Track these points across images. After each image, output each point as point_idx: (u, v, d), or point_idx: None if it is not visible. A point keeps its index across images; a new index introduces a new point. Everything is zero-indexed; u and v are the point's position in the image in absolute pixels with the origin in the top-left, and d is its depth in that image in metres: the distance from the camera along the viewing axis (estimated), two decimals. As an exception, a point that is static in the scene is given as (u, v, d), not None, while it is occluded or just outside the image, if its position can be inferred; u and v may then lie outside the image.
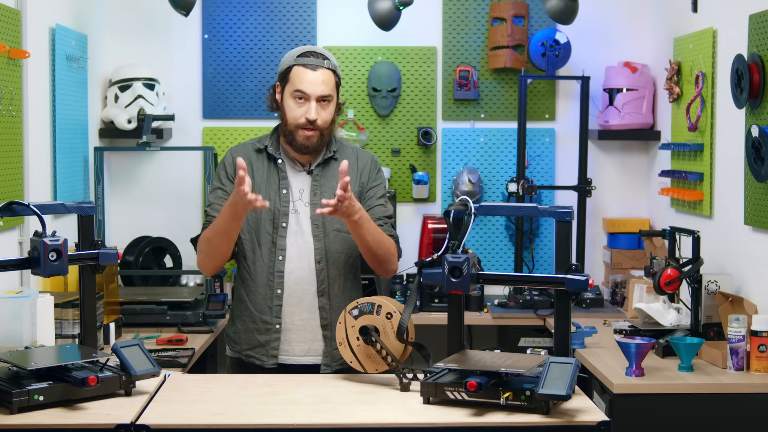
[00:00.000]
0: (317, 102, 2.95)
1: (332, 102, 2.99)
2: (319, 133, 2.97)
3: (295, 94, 2.96)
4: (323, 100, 2.96)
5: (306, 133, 2.96)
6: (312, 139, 2.97)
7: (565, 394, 2.22)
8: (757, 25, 3.48)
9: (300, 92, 2.94)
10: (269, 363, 2.97)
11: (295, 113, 2.96)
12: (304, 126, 2.95)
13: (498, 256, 4.89)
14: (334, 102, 3.01)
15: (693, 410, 3.12)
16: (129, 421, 2.25)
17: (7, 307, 2.92)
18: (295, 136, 2.97)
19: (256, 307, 2.99)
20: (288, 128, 2.99)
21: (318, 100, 2.95)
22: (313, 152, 3.02)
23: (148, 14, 4.78)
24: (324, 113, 2.97)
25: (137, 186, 4.81)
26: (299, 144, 2.98)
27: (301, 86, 2.94)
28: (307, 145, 2.98)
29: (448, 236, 2.53)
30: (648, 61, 4.77)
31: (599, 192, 4.80)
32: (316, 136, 2.97)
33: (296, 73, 2.96)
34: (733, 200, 3.74)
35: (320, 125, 2.96)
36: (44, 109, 3.85)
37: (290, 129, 2.98)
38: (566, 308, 2.45)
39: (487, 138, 4.88)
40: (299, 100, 2.95)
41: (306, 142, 2.97)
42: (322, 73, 2.95)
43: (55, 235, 2.38)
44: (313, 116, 2.94)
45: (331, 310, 2.97)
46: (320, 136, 2.98)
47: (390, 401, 2.44)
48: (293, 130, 2.97)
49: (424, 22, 4.85)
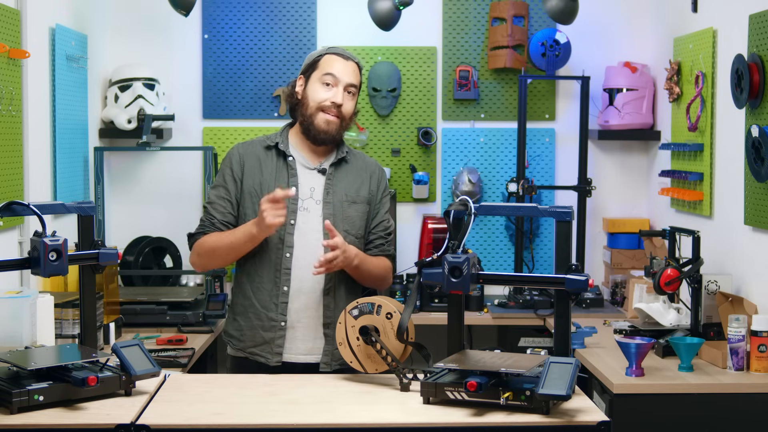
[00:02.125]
0: (345, 90, 2.98)
1: (355, 97, 3.04)
2: (340, 122, 2.99)
3: (324, 78, 2.99)
4: (349, 90, 3.00)
5: (328, 117, 2.97)
6: (332, 125, 2.98)
7: (565, 394, 2.22)
8: (757, 25, 3.48)
9: (330, 75, 2.98)
10: (273, 361, 2.97)
11: (321, 96, 2.98)
12: (328, 109, 2.97)
13: (498, 256, 4.89)
14: (356, 98, 3.05)
15: (693, 410, 3.12)
16: (129, 421, 2.25)
17: (7, 307, 2.92)
18: (315, 120, 2.98)
19: (262, 303, 2.99)
20: (309, 112, 2.99)
21: (346, 89, 2.98)
22: (329, 142, 3.02)
23: (148, 14, 4.78)
24: (348, 103, 3.00)
25: (137, 186, 4.81)
26: (318, 128, 2.98)
27: (332, 70, 2.98)
28: (326, 130, 2.98)
29: (448, 236, 2.53)
30: (648, 61, 4.77)
31: (599, 192, 4.80)
32: (337, 123, 2.99)
33: (328, 59, 3.01)
34: (733, 200, 3.74)
35: (344, 113, 2.99)
36: (44, 109, 3.85)
37: (311, 112, 2.98)
38: (566, 308, 2.45)
39: (487, 138, 4.88)
40: (327, 86, 2.99)
41: (326, 126, 2.98)
42: (353, 65, 3.03)
43: (55, 235, 2.38)
44: (340, 100, 2.97)
45: (336, 309, 2.97)
46: (340, 125, 3.00)
47: (390, 401, 2.44)
48: (314, 113, 2.98)
49: (424, 22, 4.85)
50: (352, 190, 3.04)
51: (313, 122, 2.98)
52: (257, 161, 3.02)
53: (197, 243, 3.00)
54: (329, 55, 3.02)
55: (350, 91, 3.01)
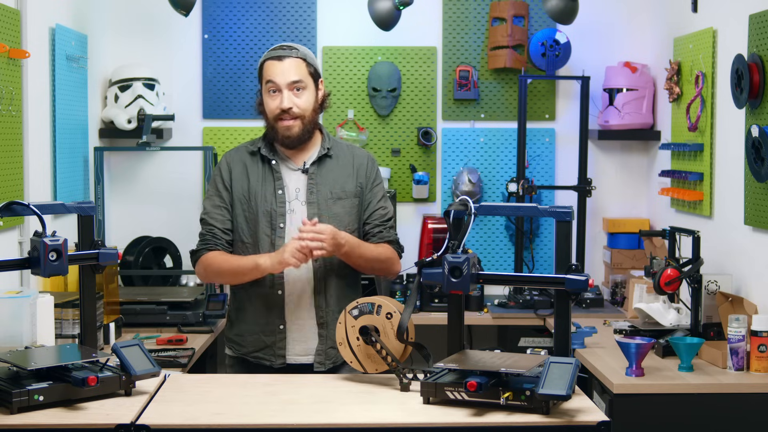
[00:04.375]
0: (290, 90, 2.96)
1: (307, 89, 2.99)
2: (300, 122, 2.98)
3: (267, 87, 2.98)
4: (295, 88, 2.97)
5: (284, 123, 2.97)
6: (292, 129, 2.97)
7: (565, 394, 2.22)
8: (757, 25, 3.48)
9: (271, 83, 2.97)
10: (277, 363, 2.98)
11: (271, 106, 2.98)
12: (281, 117, 2.96)
13: (498, 256, 4.89)
14: (311, 89, 3.00)
15: (693, 410, 3.12)
16: (129, 421, 2.25)
17: (7, 307, 2.91)
18: (277, 130, 2.98)
19: (259, 308, 2.99)
20: (270, 123, 3.00)
21: (290, 88, 2.96)
22: (297, 144, 3.01)
23: (148, 14, 4.78)
24: (299, 100, 2.97)
25: (137, 186, 4.81)
26: (281, 137, 2.98)
27: (270, 76, 2.97)
28: (289, 136, 2.97)
29: (448, 236, 2.53)
30: (648, 61, 4.77)
31: (599, 192, 4.80)
32: (296, 125, 2.97)
33: (266, 67, 3.00)
34: (733, 200, 3.74)
35: (297, 113, 2.97)
36: (44, 109, 3.85)
37: (271, 123, 3.00)
38: (566, 308, 2.45)
39: (487, 138, 4.88)
40: (272, 93, 2.98)
41: (286, 132, 2.97)
42: (290, 62, 2.98)
43: (55, 235, 2.38)
44: (285, 104, 2.95)
45: (327, 309, 2.98)
46: (301, 125, 2.98)
47: (390, 401, 2.44)
48: (273, 124, 2.99)
49: (424, 22, 4.85)
50: (337, 186, 3.03)
51: (276, 131, 2.99)
52: (243, 167, 3.04)
53: (202, 259, 3.00)
54: (267, 62, 2.99)
55: (298, 87, 2.97)
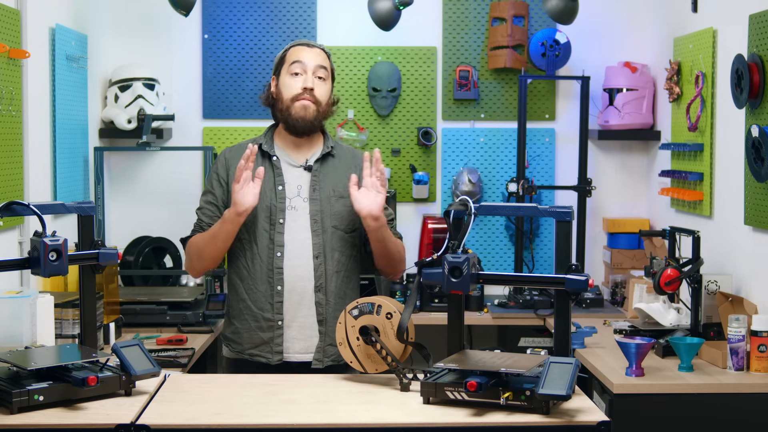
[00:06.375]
0: (314, 75, 2.98)
1: (327, 81, 3.02)
2: (316, 108, 2.98)
3: (292, 68, 2.99)
4: (319, 75, 2.99)
5: (303, 102, 2.97)
6: (309, 109, 2.97)
7: (565, 394, 2.22)
8: (757, 25, 3.48)
9: (297, 63, 2.98)
10: (275, 360, 2.97)
11: (293, 86, 2.98)
12: (301, 96, 2.96)
13: (498, 256, 4.89)
14: (329, 84, 3.03)
15: (693, 410, 3.12)
16: (129, 421, 2.25)
17: (7, 307, 2.92)
18: (291, 111, 2.98)
19: (257, 304, 2.99)
20: (284, 105, 2.99)
21: (314, 74, 2.98)
22: (307, 130, 3.00)
23: (148, 14, 4.78)
24: (320, 87, 2.99)
25: (137, 186, 4.81)
26: (296, 117, 2.97)
27: (299, 58, 2.99)
28: (304, 116, 2.97)
29: (448, 236, 2.53)
30: (648, 61, 4.77)
31: (599, 192, 4.80)
32: (313, 108, 2.98)
33: (293, 51, 3.03)
34: (733, 200, 3.74)
35: (318, 97, 2.98)
36: (44, 109, 3.85)
37: (287, 105, 2.98)
38: (566, 308, 2.45)
39: (487, 138, 4.88)
40: (296, 75, 2.98)
41: (302, 112, 2.97)
42: (318, 51, 3.03)
43: (55, 235, 2.38)
44: (311, 84, 2.97)
45: (327, 306, 2.98)
46: (316, 111, 2.98)
47: (390, 401, 2.44)
48: (290, 104, 2.98)
49: (424, 22, 4.85)
50: (339, 184, 3.03)
51: (291, 113, 2.97)
52: None
53: (187, 246, 3.02)
54: (294, 47, 3.04)
55: (320, 75, 2.99)
